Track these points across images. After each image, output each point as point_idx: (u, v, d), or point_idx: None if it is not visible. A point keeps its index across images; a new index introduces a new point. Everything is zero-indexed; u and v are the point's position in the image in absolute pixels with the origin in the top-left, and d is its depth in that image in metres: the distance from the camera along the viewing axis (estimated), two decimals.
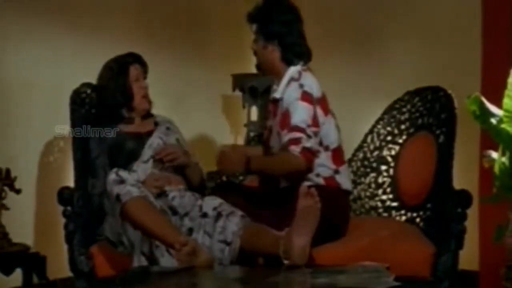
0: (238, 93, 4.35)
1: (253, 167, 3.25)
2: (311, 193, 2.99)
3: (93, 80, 3.60)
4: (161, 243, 3.04)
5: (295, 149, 3.18)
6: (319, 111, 3.30)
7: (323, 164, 3.32)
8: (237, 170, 3.32)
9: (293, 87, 3.30)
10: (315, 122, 3.26)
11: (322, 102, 3.33)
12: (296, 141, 3.19)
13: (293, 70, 3.36)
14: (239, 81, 4.52)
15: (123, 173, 3.19)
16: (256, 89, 4.45)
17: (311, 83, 3.32)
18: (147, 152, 3.47)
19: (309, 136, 3.20)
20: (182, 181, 3.46)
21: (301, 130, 3.21)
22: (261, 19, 3.41)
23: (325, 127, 3.32)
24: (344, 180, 3.38)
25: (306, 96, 3.27)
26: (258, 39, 3.42)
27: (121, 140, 3.48)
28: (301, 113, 3.24)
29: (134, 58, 3.58)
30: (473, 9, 4.00)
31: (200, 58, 4.68)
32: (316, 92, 3.31)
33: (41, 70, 3.93)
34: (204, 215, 3.18)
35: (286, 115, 3.27)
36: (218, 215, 3.15)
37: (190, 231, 3.16)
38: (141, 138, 3.51)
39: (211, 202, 3.23)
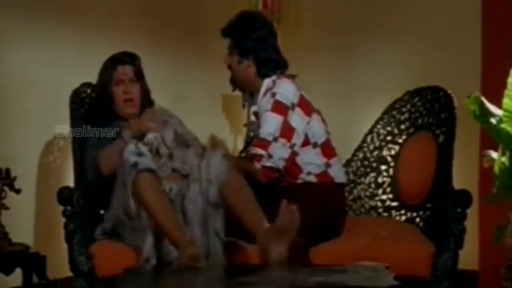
0: (238, 93, 4.33)
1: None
2: (291, 209, 2.93)
3: (93, 80, 3.59)
4: (164, 234, 3.02)
5: (257, 165, 3.27)
6: (299, 114, 3.32)
7: (313, 162, 3.35)
8: None
9: (266, 97, 3.35)
10: (285, 133, 3.28)
11: (301, 104, 3.34)
12: (258, 158, 3.28)
13: (268, 81, 3.39)
14: None
15: (142, 148, 3.13)
16: None
17: (285, 90, 3.34)
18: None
19: (270, 156, 3.25)
20: (181, 178, 3.42)
21: (265, 145, 3.27)
22: (235, 35, 3.43)
23: (311, 126, 3.34)
24: (337, 172, 3.40)
25: (277, 106, 3.30)
26: (232, 54, 3.45)
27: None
28: (269, 125, 3.29)
29: (121, 60, 3.46)
30: (473, 9, 4.00)
31: (200, 58, 4.69)
32: (292, 97, 3.32)
33: (41, 70, 3.93)
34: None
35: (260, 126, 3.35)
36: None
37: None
38: (141, 135, 3.46)
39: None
